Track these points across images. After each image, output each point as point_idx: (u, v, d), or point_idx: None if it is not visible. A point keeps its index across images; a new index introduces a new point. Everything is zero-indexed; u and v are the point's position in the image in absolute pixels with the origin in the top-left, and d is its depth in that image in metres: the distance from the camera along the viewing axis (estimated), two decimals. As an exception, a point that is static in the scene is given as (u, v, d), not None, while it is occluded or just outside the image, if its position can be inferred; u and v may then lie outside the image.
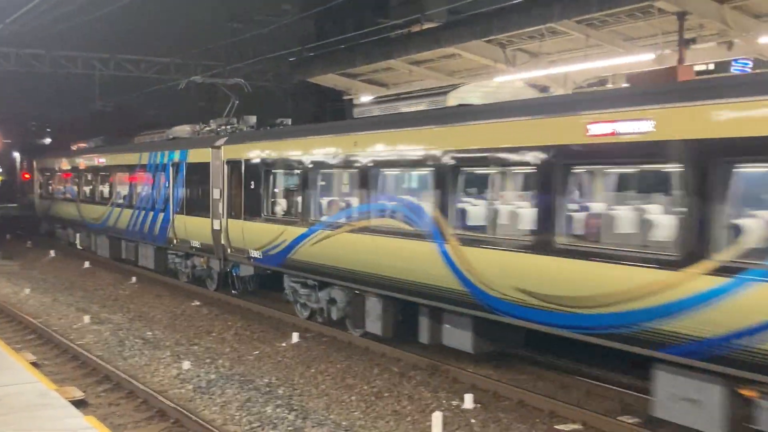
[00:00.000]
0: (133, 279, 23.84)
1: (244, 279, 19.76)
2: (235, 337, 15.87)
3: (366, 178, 13.68)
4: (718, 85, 9.12)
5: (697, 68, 18.87)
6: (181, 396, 11.71)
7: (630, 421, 10.24)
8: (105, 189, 27.93)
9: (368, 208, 13.66)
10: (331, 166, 14.97)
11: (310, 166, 15.33)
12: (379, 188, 13.62)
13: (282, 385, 12.27)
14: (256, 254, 17.22)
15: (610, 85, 14.53)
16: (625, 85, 13.77)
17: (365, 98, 27.37)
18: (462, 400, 11.23)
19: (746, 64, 20.83)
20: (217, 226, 19.09)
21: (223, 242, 18.81)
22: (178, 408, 10.73)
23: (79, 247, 30.97)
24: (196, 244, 20.37)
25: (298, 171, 15.81)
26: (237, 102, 22.67)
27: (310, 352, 14.45)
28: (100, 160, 28.42)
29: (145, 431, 10.42)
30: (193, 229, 20.50)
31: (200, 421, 10.17)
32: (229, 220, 18.49)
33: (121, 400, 11.65)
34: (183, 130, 23.44)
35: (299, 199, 15.89)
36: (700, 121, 8.54)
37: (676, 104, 8.85)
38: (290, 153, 16.13)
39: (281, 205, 17.12)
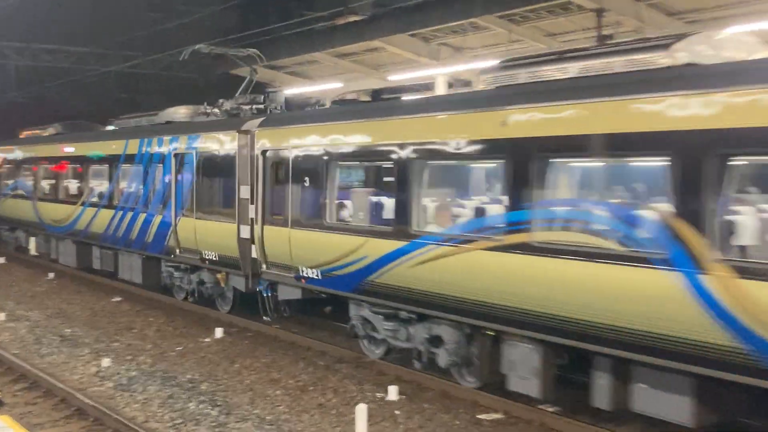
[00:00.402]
0: (51, 275, 23.19)
1: (279, 302, 15.47)
2: (157, 334, 15.61)
3: (523, 171, 9.63)
4: None
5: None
6: (101, 394, 11.47)
7: (550, 409, 10.49)
8: (73, 185, 22.82)
9: (527, 216, 9.58)
10: (454, 156, 10.82)
11: (413, 156, 11.27)
12: (551, 186, 9.48)
13: (205, 381, 12.14)
14: (310, 273, 13.23)
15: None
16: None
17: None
18: (386, 392, 11.31)
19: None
20: (245, 234, 14.88)
21: (255, 255, 14.73)
22: (98, 406, 10.51)
23: (33, 253, 26.09)
24: (210, 255, 16.06)
25: (391, 163, 11.70)
26: (255, 78, 18.79)
27: (234, 347, 14.33)
28: (67, 150, 23.14)
29: (63, 430, 10.17)
30: (207, 236, 16.16)
31: (121, 419, 9.98)
32: (267, 227, 14.34)
33: (38, 399, 11.34)
34: (178, 112, 19.11)
35: (393, 202, 11.74)
36: None
37: None
38: (376, 139, 12.00)
39: (358, 209, 12.93)
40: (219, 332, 15.23)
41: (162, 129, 18.55)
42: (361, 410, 9.46)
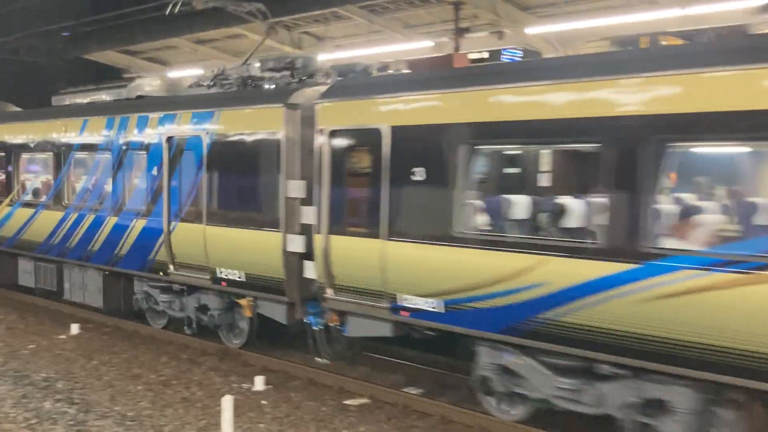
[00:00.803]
0: None
1: (339, 339, 11.75)
2: (7, 332, 14.83)
3: None
4: None
5: (472, 56, 20.03)
6: (-54, 397, 10.82)
7: (414, 392, 10.78)
8: None
9: None
10: (747, 135, 7.29)
11: (658, 135, 7.59)
12: None
13: (61, 379, 11.66)
14: (420, 304, 9.56)
15: (391, 71, 12.50)
16: (406, 71, 11.37)
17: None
18: (253, 382, 11.26)
19: (515, 53, 22.30)
20: (295, 247, 11.23)
21: (312, 275, 11.03)
22: (-57, 410, 9.92)
23: None
24: (231, 274, 12.08)
25: (604, 146, 7.95)
26: (270, 31, 15.03)
27: (91, 344, 13.84)
28: None
29: None
30: (228, 249, 12.15)
31: (-31, 423, 9.47)
32: (336, 237, 10.53)
33: None
34: (153, 84, 15.36)
35: (605, 203, 7.95)
36: None
37: None
38: (573, 110, 8.19)
39: (525, 214, 9.45)
40: (75, 328, 14.66)
41: (146, 104, 14.22)
42: (227, 401, 9.37)
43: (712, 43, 8.57)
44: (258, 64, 13.31)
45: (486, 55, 23.36)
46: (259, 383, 11.21)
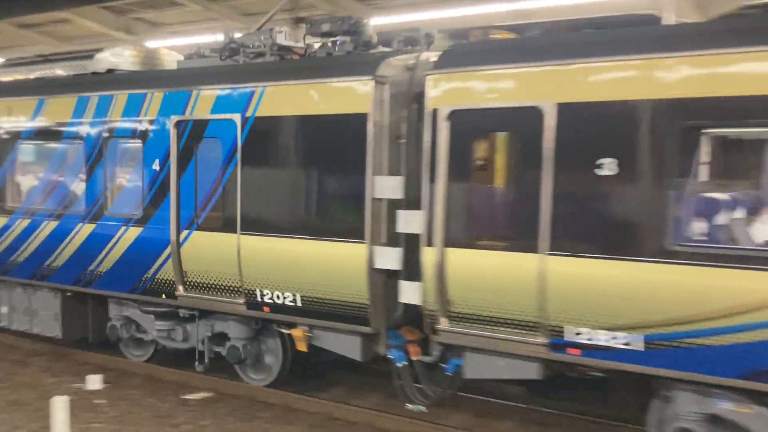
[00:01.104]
0: None
1: (426, 377, 9.14)
2: None
3: None
4: None
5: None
6: None
7: (262, 384, 10.76)
8: None
9: None
10: None
11: None
12: None
13: None
14: (602, 339, 7.35)
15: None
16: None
17: None
18: (88, 381, 10.91)
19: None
20: (388, 263, 8.78)
21: (414, 299, 8.60)
22: None
23: None
24: (281, 297, 9.48)
25: None
26: None
27: None
28: None
29: None
30: (276, 265, 9.48)
31: None
32: (457, 250, 8.15)
33: None
34: (127, 56, 12.09)
35: None
36: None
37: None
38: None
39: None
40: None
41: (133, 80, 11.18)
42: (59, 402, 9.01)
43: None
44: (299, 28, 10.80)
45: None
46: (95, 382, 10.88)
